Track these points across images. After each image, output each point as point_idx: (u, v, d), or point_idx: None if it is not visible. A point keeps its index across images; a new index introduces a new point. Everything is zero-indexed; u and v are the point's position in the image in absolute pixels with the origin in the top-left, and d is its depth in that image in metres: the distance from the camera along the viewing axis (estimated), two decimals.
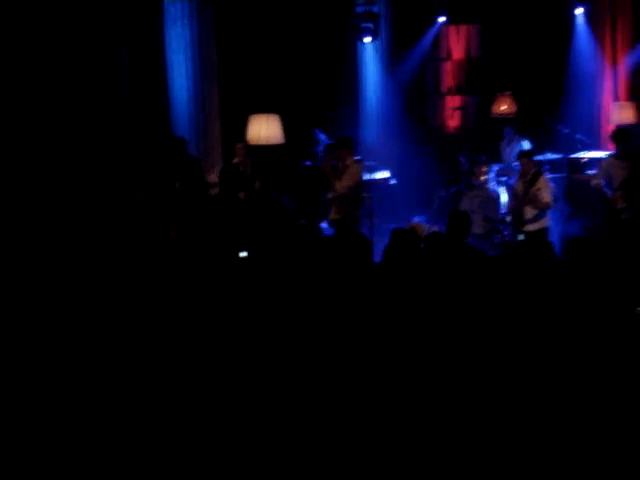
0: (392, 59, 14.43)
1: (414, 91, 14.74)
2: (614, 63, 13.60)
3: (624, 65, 13.49)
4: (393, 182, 12.77)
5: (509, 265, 6.14)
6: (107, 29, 10.95)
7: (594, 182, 10.37)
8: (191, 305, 6.22)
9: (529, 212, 9.56)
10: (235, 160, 10.47)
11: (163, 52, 11.73)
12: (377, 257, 7.88)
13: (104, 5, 10.81)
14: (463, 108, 14.89)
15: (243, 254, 7.33)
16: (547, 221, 9.70)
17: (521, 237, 9.34)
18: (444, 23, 14.61)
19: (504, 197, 11.44)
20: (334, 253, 6.46)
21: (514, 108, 12.75)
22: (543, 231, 9.57)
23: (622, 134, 10.18)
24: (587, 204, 11.49)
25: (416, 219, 11.36)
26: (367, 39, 13.75)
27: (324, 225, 11.70)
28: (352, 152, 10.15)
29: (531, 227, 9.58)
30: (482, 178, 11.71)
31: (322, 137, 13.03)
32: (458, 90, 15.05)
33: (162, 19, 11.60)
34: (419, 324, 5.46)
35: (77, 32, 10.50)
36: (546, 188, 9.54)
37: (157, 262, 7.54)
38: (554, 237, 10.04)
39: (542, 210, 9.56)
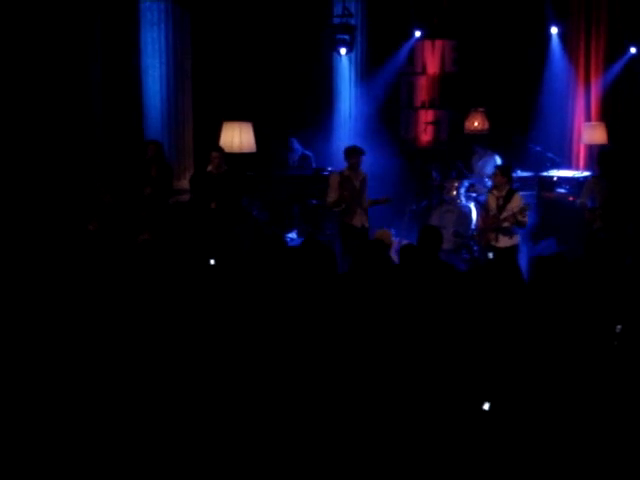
0: (367, 72, 14.45)
1: (388, 104, 14.76)
2: (587, 83, 13.70)
3: (597, 86, 13.60)
4: None
5: (475, 283, 6.15)
6: (83, 30, 10.90)
7: (579, 201, 10.49)
8: (159, 308, 6.19)
9: (504, 227, 9.61)
10: (209, 168, 10.43)
11: (138, 56, 11.68)
12: (345, 268, 7.87)
13: (81, 6, 10.76)
14: (436, 123, 14.92)
15: (212, 262, 7.30)
16: (518, 238, 9.75)
17: (490, 255, 9.34)
18: (420, 38, 14.66)
19: (474, 213, 11.48)
20: (299, 264, 6.44)
21: (486, 125, 12.80)
22: (514, 249, 9.61)
23: (607, 156, 10.33)
24: (558, 222, 11.58)
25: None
26: (343, 51, 13.76)
27: (293, 235, 11.71)
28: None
29: (503, 243, 9.60)
30: (453, 193, 11.75)
31: (297, 146, 13.02)
32: (432, 105, 15.09)
33: (138, 23, 11.56)
34: (385, 334, 5.46)
35: (52, 32, 10.44)
36: (524, 207, 9.60)
37: (125, 263, 7.49)
38: (522, 254, 10.09)
39: (518, 226, 9.62)
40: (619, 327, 5.43)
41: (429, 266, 7.03)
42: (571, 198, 11.76)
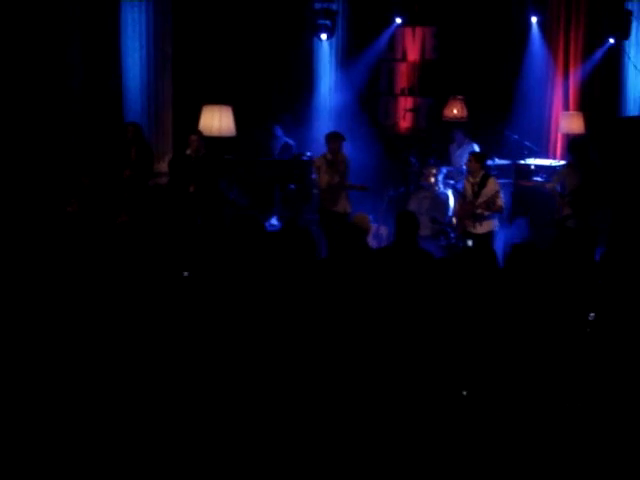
0: (347, 57, 14.47)
1: (368, 90, 14.79)
2: (565, 73, 13.76)
3: (575, 75, 13.67)
4: None
5: (452, 270, 6.20)
6: (61, 12, 10.84)
7: (549, 186, 10.66)
8: (137, 291, 6.20)
9: (480, 213, 9.70)
10: (188, 151, 10.44)
11: (118, 38, 11.62)
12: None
13: None
14: (415, 110, 14.94)
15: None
16: (496, 224, 9.85)
17: (470, 242, 9.42)
18: (400, 24, 14.67)
19: (452, 200, 11.55)
20: (279, 248, 6.46)
21: (465, 112, 12.85)
22: (490, 235, 9.71)
23: (578, 145, 10.46)
24: (533, 210, 11.68)
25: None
26: (324, 36, 13.79)
27: (274, 221, 11.74)
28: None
29: (480, 229, 9.70)
30: (431, 180, 11.81)
31: (279, 133, 13.03)
32: (411, 92, 15.12)
33: (119, 4, 11.50)
34: (361, 320, 5.49)
35: (30, 13, 10.38)
36: (499, 191, 9.72)
37: (103, 245, 7.48)
38: (499, 241, 10.18)
39: (495, 212, 9.72)
40: (592, 315, 5.50)
41: (406, 253, 7.08)
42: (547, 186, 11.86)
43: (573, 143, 10.70)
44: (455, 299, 5.75)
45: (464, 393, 4.76)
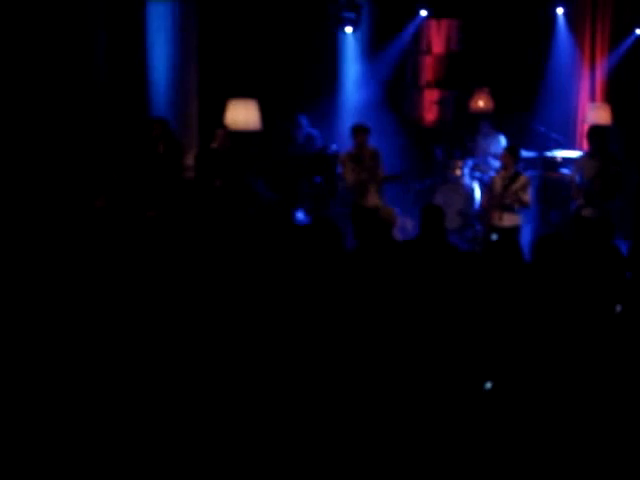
0: (372, 50, 14.45)
1: (393, 83, 14.76)
2: (592, 64, 13.69)
3: (602, 66, 13.60)
4: None
5: (478, 264, 6.20)
6: (86, 6, 10.89)
7: (570, 177, 10.62)
8: (165, 286, 6.24)
9: (508, 203, 9.70)
10: (213, 145, 10.48)
11: (144, 32, 11.67)
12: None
13: None
14: (441, 102, 14.91)
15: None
16: (520, 219, 9.83)
17: (495, 236, 9.41)
18: (425, 17, 14.62)
19: (478, 192, 11.53)
20: (307, 242, 6.49)
21: (491, 104, 12.80)
22: (516, 229, 9.69)
23: (596, 133, 10.37)
24: (558, 202, 11.65)
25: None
26: (348, 29, 13.77)
27: (300, 215, 11.76)
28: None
29: (506, 221, 9.68)
30: (457, 172, 11.79)
31: (304, 122, 13.02)
32: (437, 84, 15.08)
33: None
34: (386, 312, 5.51)
35: (55, 9, 10.43)
36: (527, 188, 9.69)
37: (132, 240, 7.54)
38: (525, 235, 10.16)
39: (521, 208, 9.71)
40: (619, 307, 5.48)
41: (432, 246, 7.08)
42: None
43: (592, 131, 10.60)
44: (481, 292, 5.76)
45: (488, 386, 4.77)
